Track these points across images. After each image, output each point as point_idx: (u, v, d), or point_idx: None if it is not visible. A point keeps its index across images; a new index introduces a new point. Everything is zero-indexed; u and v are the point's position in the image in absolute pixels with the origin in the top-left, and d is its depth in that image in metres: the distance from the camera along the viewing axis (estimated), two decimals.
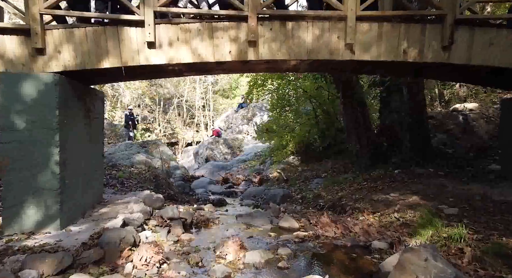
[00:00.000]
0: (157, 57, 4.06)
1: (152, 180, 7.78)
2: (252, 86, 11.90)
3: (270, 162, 12.98)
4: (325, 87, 10.81)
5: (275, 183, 9.39)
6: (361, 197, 5.75)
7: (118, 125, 15.44)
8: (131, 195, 5.85)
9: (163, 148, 12.38)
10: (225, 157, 16.83)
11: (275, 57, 4.21)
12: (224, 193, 8.97)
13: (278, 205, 6.76)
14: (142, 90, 34.75)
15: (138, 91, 32.96)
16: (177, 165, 11.02)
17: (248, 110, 22.99)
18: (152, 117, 40.34)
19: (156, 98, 40.45)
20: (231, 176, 11.53)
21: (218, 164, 15.17)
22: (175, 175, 9.71)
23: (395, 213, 4.74)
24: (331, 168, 8.85)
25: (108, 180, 6.90)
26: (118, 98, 34.03)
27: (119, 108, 35.01)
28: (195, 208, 6.48)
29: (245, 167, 14.20)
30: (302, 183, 8.29)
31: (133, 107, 36.25)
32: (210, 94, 40.74)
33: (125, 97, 37.79)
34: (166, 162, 10.89)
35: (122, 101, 34.74)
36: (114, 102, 34.69)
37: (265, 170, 12.54)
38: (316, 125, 11.06)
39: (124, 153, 9.48)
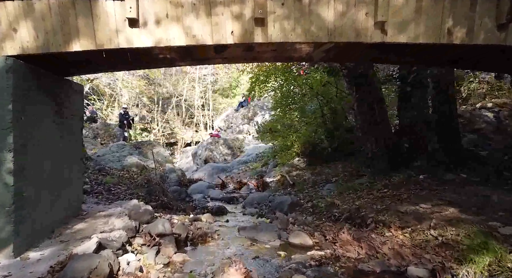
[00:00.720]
0: (141, 39, 3.25)
1: (144, 186, 6.96)
2: (254, 83, 11.07)
3: (273, 163, 12.16)
4: (333, 83, 10.01)
5: (280, 188, 8.57)
6: (384, 207, 4.93)
7: (112, 125, 14.62)
8: (116, 205, 5.03)
9: (158, 149, 11.58)
10: (225, 158, 16.01)
11: (288, 38, 3.39)
12: (224, 199, 8.15)
13: (285, 215, 5.94)
14: (140, 89, 34.01)
15: (136, 90, 32.18)
16: (173, 167, 10.19)
17: (249, 109, 22.18)
18: (150, 117, 39.58)
19: (154, 97, 39.72)
20: (232, 179, 10.71)
21: (217, 165, 14.35)
22: (170, 178, 8.89)
23: (431, 230, 3.93)
24: (341, 172, 8.03)
25: (93, 187, 6.08)
26: (116, 98, 33.25)
27: (116, 108, 34.26)
28: (191, 219, 5.68)
29: (246, 169, 13.39)
30: (311, 188, 7.47)
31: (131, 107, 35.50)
32: (210, 94, 39.96)
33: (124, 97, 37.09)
34: (161, 164, 10.08)
35: (119, 100, 33.96)
36: (112, 102, 33.92)
37: (268, 173, 11.72)
38: (323, 124, 10.25)
39: (114, 155, 8.68)
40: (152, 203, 6.33)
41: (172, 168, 9.90)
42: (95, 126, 13.92)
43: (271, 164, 12.39)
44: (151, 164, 9.32)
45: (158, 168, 9.14)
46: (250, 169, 13.25)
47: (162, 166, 9.89)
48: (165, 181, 8.52)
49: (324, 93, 10.04)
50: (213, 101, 40.37)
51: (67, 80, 4.23)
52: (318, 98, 10.25)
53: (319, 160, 9.88)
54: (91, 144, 12.12)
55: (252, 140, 18.43)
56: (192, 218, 5.72)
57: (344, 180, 7.27)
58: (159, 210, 6.14)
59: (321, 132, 10.28)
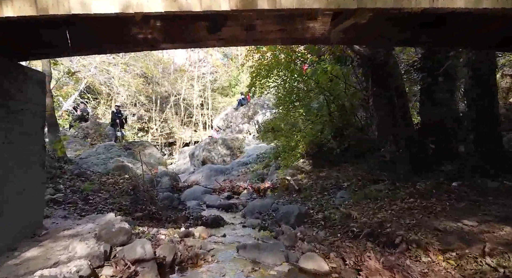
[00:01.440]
0: (101, 2, 2.36)
1: (129, 193, 6.07)
2: (254, 78, 10.17)
3: (276, 165, 11.28)
4: (341, 77, 9.11)
5: (285, 194, 7.68)
6: (414, 222, 4.05)
7: (104, 124, 13.72)
8: (89, 220, 4.14)
9: (151, 150, 10.69)
10: (224, 159, 15.13)
11: (303, 4, 2.50)
12: (222, 206, 7.26)
13: (292, 229, 5.06)
14: (137, 88, 33.14)
15: (133, 89, 31.32)
16: (166, 170, 9.28)
17: (249, 108, 21.30)
18: (148, 116, 38.71)
19: (152, 96, 38.85)
20: (231, 183, 9.81)
21: (216, 167, 13.47)
22: (162, 183, 7.99)
23: (486, 257, 3.04)
24: (353, 176, 7.14)
25: (67, 195, 5.19)
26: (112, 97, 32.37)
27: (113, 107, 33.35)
28: (182, 233, 4.79)
29: (247, 171, 12.50)
30: (320, 195, 6.58)
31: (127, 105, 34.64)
32: (209, 92, 39.06)
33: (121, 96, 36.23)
34: (153, 167, 9.18)
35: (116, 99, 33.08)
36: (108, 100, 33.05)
37: (270, 175, 10.83)
38: (330, 123, 9.36)
39: (100, 157, 7.79)
40: (137, 213, 5.46)
41: (165, 171, 9.00)
42: (85, 125, 13.02)
43: (273, 166, 11.50)
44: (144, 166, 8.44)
45: (149, 171, 8.25)
46: (251, 171, 12.37)
47: (153, 169, 8.99)
48: (155, 186, 7.63)
49: (331, 89, 9.14)
50: (212, 100, 39.52)
51: (19, 65, 3.34)
52: (324, 94, 9.36)
53: (326, 162, 9.00)
54: (80, 144, 11.23)
55: (252, 139, 17.54)
56: (183, 233, 4.83)
57: (358, 186, 6.37)
58: (145, 222, 5.27)
59: (328, 131, 9.39)
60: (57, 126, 7.16)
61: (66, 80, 26.81)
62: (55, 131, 6.78)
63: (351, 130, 8.83)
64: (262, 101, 22.33)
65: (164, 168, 9.69)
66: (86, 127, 12.97)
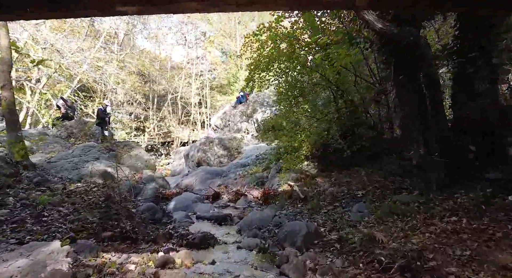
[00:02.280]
0: None
1: (101, 205, 5.00)
2: (252, 71, 9.08)
3: (277, 168, 10.21)
4: (351, 69, 8.05)
5: (288, 202, 6.60)
6: (469, 254, 2.97)
7: (90, 123, 12.63)
8: (24, 251, 3.06)
9: (138, 151, 9.60)
10: (221, 160, 14.05)
11: None
12: (215, 218, 6.18)
13: (299, 252, 3.99)
14: (132, 86, 32.12)
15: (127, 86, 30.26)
16: (153, 174, 8.18)
17: (248, 105, 20.23)
18: (144, 115, 37.66)
19: (150, 95, 37.79)
20: (226, 188, 8.72)
21: (211, 169, 12.39)
22: (146, 191, 6.91)
23: None
24: (368, 183, 6.07)
25: (13, 212, 4.10)
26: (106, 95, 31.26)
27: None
28: (159, 262, 3.72)
29: (245, 174, 11.43)
30: (331, 206, 5.50)
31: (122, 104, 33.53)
32: (207, 90, 37.95)
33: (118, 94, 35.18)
34: (137, 171, 8.10)
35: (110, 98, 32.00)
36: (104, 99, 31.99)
37: (271, 179, 9.76)
38: (338, 121, 8.29)
39: (73, 161, 6.71)
40: (105, 233, 4.39)
41: (152, 175, 7.90)
42: (69, 124, 11.94)
43: (274, 168, 10.44)
44: (126, 170, 7.35)
45: (132, 176, 7.16)
46: (249, 174, 11.30)
47: (138, 173, 7.91)
48: (136, 195, 6.54)
49: (340, 83, 8.06)
50: (210, 99, 38.41)
51: None
52: (331, 88, 8.29)
53: (334, 165, 7.94)
54: (61, 145, 10.14)
55: (251, 139, 16.47)
56: (161, 260, 3.76)
57: (376, 196, 5.29)
58: (115, 244, 4.20)
59: (335, 130, 8.33)
60: (18, 125, 6.07)
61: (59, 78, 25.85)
62: (15, 131, 5.69)
63: (362, 129, 7.76)
64: (261, 98, 21.27)
65: (152, 172, 8.60)
66: (70, 126, 11.90)
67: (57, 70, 22.12)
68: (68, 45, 21.84)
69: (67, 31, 24.15)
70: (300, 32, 8.39)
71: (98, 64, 24.37)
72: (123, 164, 8.11)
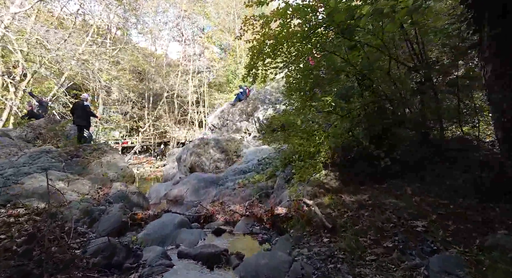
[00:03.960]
0: None
1: (16, 250, 3.11)
2: (254, 57, 7.18)
3: (285, 176, 8.34)
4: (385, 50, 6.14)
5: (307, 233, 4.70)
6: None
7: (64, 121, 10.71)
8: None
9: (111, 157, 7.67)
10: (217, 165, 12.13)
11: None
12: (204, 257, 4.28)
13: None
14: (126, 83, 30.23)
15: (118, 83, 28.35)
16: (126, 189, 6.23)
17: (248, 103, 18.33)
18: (138, 114, 35.75)
19: (145, 93, 35.91)
20: (222, 206, 6.79)
21: (206, 176, 10.50)
22: (106, 217, 4.94)
23: None
24: (427, 206, 4.18)
25: None
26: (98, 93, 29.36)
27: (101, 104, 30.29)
28: None
29: (245, 183, 9.53)
30: (379, 247, 3.59)
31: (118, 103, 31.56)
32: (205, 88, 36.05)
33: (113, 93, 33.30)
34: (104, 185, 6.18)
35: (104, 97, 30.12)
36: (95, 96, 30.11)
37: (278, 192, 7.89)
38: (365, 118, 6.42)
39: (4, 174, 4.79)
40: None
41: (123, 190, 5.97)
42: (37, 123, 10.03)
43: (281, 177, 8.55)
44: (86, 184, 5.46)
45: (93, 193, 5.26)
46: (250, 183, 9.40)
47: (105, 188, 5.99)
48: (94, 222, 4.63)
49: (368, 68, 6.15)
50: (208, 97, 36.50)
51: None
52: (356, 76, 6.40)
53: (362, 176, 6.08)
54: (19, 148, 8.21)
55: (252, 140, 14.56)
56: None
57: (454, 234, 3.40)
58: None
59: (362, 130, 6.46)
60: None
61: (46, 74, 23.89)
62: None
63: (400, 130, 5.89)
64: (263, 95, 19.38)
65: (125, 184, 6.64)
66: (38, 125, 9.97)
67: (42, 65, 20.29)
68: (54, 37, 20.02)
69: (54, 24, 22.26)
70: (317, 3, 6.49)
71: (88, 59, 22.50)
72: (89, 174, 6.23)
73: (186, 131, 34.27)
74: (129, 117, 34.26)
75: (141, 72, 35.28)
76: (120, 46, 29.02)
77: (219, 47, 40.88)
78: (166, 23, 35.98)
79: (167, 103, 35.67)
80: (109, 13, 27.05)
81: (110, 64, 26.94)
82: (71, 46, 21.50)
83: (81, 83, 26.82)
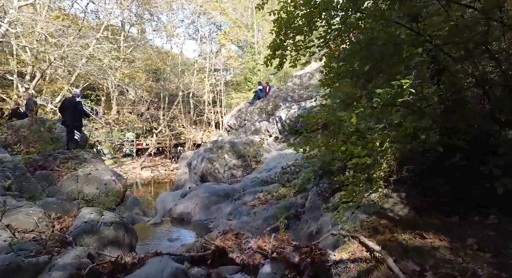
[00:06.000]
0: None
1: None
2: (281, 33, 5.19)
3: (319, 190, 6.34)
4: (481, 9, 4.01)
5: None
6: None
7: (51, 122, 9.10)
8: None
9: (92, 168, 5.86)
10: (233, 172, 10.23)
11: None
12: None
13: None
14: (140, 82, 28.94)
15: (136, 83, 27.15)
16: (100, 219, 4.32)
17: (268, 101, 16.37)
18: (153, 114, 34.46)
19: (161, 93, 34.64)
20: (237, 238, 4.78)
21: (219, 188, 8.61)
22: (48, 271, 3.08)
23: None
24: None
25: None
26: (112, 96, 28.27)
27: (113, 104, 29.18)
28: None
29: (267, 198, 7.58)
30: None
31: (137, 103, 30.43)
32: (222, 87, 34.35)
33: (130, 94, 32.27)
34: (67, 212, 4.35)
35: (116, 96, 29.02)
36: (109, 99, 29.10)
37: (312, 213, 5.91)
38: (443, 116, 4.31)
39: None
40: None
41: (95, 220, 4.07)
42: (19, 124, 8.45)
43: (315, 192, 6.55)
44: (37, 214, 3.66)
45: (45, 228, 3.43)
46: (274, 198, 7.46)
47: (66, 217, 4.13)
48: None
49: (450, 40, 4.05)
50: (225, 96, 34.80)
51: None
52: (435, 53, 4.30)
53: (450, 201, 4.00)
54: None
55: (273, 143, 12.58)
56: None
57: None
58: None
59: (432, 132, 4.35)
60: None
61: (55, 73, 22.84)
62: None
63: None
64: (284, 92, 17.39)
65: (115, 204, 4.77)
66: (21, 127, 8.38)
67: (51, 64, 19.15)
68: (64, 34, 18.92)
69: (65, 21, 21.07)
70: None
71: (98, 56, 21.20)
72: (56, 194, 4.44)
73: (203, 133, 32.65)
74: (144, 119, 32.99)
75: (156, 71, 34.03)
76: (133, 43, 27.78)
77: (236, 45, 39.10)
78: (182, 21, 34.63)
79: (182, 102, 34.19)
80: (123, 10, 25.86)
81: (123, 62, 25.72)
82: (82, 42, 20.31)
83: (94, 82, 25.72)
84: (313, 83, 17.13)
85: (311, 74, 18.40)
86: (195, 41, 37.19)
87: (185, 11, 33.79)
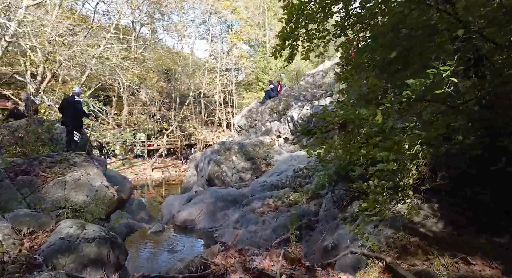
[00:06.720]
0: None
1: None
2: (292, 20, 4.55)
3: (335, 198, 5.67)
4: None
5: None
6: None
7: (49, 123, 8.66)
8: None
9: (82, 173, 5.33)
10: (241, 176, 9.61)
11: None
12: None
13: None
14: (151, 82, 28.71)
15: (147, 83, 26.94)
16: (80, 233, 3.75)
17: (279, 100, 15.67)
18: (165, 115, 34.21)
19: (172, 94, 34.38)
20: (241, 255, 4.16)
21: (225, 193, 8.02)
22: None
23: None
24: None
25: None
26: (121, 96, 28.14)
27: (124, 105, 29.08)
28: None
29: (277, 204, 6.93)
30: None
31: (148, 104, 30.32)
32: (233, 87, 33.83)
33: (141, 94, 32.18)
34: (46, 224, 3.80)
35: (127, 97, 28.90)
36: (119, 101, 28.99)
37: (327, 223, 5.27)
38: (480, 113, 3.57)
39: None
40: None
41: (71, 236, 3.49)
42: (17, 125, 8.07)
43: (329, 199, 5.88)
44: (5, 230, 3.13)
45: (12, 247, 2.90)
46: (285, 206, 6.80)
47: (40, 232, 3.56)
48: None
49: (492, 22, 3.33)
50: (237, 96, 34.27)
51: None
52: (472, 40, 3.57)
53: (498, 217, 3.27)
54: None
55: (284, 144, 11.91)
56: None
57: None
58: None
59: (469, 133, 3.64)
60: None
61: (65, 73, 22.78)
62: None
63: None
64: (297, 91, 16.66)
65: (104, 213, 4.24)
66: (18, 127, 7.99)
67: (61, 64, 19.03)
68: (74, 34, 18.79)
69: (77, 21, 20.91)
70: None
71: (108, 56, 20.98)
72: (38, 203, 3.94)
73: (214, 133, 32.21)
74: (155, 119, 32.77)
75: (167, 72, 33.79)
76: (144, 43, 27.58)
77: (248, 44, 38.53)
78: (193, 20, 34.33)
79: (193, 103, 33.82)
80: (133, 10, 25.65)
81: (134, 63, 25.53)
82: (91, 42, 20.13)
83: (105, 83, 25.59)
84: (327, 82, 16.37)
85: (324, 73, 17.63)
86: (206, 41, 36.81)
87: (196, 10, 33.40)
